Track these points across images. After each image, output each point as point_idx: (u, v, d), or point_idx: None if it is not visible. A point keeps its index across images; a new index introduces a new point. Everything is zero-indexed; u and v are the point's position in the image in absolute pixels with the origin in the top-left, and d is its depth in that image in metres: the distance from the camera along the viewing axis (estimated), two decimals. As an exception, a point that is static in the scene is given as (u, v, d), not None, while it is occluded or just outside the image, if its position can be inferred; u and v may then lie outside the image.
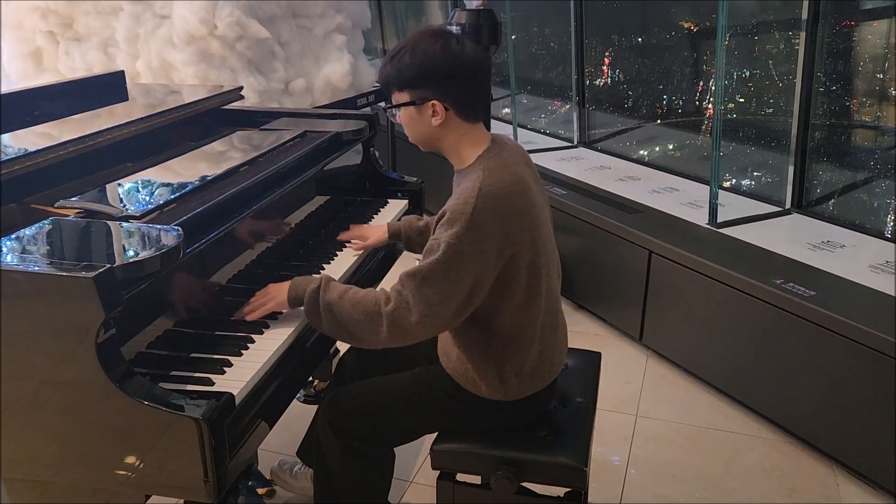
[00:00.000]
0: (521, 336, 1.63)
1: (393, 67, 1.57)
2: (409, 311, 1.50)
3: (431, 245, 1.52)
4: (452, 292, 1.50)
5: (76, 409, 1.26)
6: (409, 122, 1.61)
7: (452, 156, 1.64)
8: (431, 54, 1.53)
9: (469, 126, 1.61)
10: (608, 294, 3.35)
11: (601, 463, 2.46)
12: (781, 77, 3.37)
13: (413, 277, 1.51)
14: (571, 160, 4.27)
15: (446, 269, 1.48)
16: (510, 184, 1.53)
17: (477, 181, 1.51)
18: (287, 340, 1.58)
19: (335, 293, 1.57)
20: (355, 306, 1.54)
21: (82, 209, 1.53)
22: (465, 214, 1.48)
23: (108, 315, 1.19)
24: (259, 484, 2.05)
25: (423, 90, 1.56)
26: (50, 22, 4.06)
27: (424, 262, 1.51)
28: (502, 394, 1.67)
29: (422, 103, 1.57)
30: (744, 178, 3.60)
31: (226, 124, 2.33)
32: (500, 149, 1.61)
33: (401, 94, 1.60)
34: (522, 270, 1.57)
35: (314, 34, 4.22)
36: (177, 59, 3.76)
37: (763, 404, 2.65)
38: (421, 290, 1.49)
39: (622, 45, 4.34)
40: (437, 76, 1.54)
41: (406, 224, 2.05)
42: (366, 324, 1.54)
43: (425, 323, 1.51)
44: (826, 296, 2.43)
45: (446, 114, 1.57)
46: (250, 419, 1.40)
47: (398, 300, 1.51)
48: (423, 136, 1.63)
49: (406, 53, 1.55)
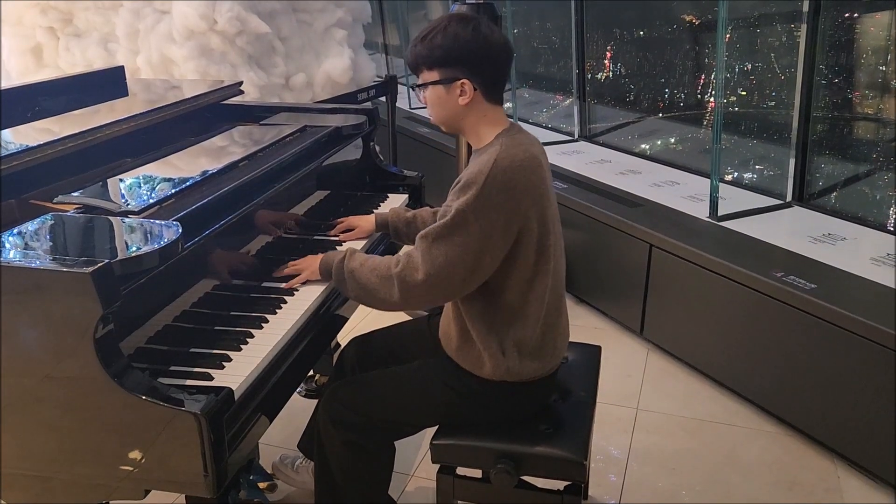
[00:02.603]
0: (526, 311, 1.66)
1: (424, 47, 1.62)
2: (416, 270, 1.58)
3: (444, 209, 1.59)
4: (458, 257, 1.55)
5: (75, 404, 1.26)
6: (437, 100, 1.66)
7: (472, 135, 1.70)
8: (464, 35, 1.59)
9: (491, 107, 1.66)
10: (609, 288, 3.35)
11: (602, 456, 2.46)
12: (783, 70, 3.36)
13: (424, 238, 1.59)
14: (572, 154, 4.26)
15: (452, 232, 1.55)
16: (523, 160, 1.59)
17: (493, 154, 1.58)
18: (286, 335, 1.58)
19: (357, 262, 1.69)
20: (373, 271, 1.65)
21: (82, 205, 1.53)
22: (477, 184, 1.54)
23: (105, 310, 1.19)
24: (260, 478, 2.06)
25: (454, 69, 1.61)
26: (50, 17, 4.06)
27: (435, 225, 1.58)
28: (504, 369, 1.68)
29: (451, 82, 1.62)
30: (745, 171, 3.60)
31: (226, 119, 2.33)
32: (517, 131, 1.68)
33: (430, 73, 1.64)
34: (531, 246, 1.62)
35: (314, 29, 4.22)
36: (177, 54, 3.76)
37: (764, 397, 2.65)
38: (430, 251, 1.57)
39: (624, 39, 4.33)
40: (468, 56, 1.60)
41: (393, 214, 2.10)
42: (381, 286, 1.63)
43: (430, 282, 1.57)
44: (827, 289, 2.42)
45: (474, 94, 1.62)
46: (250, 414, 1.40)
47: (407, 260, 1.60)
48: (447, 115, 1.68)
49: (438, 34, 1.61)
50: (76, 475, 1.33)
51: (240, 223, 1.70)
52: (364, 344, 2.03)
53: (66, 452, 1.31)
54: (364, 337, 2.05)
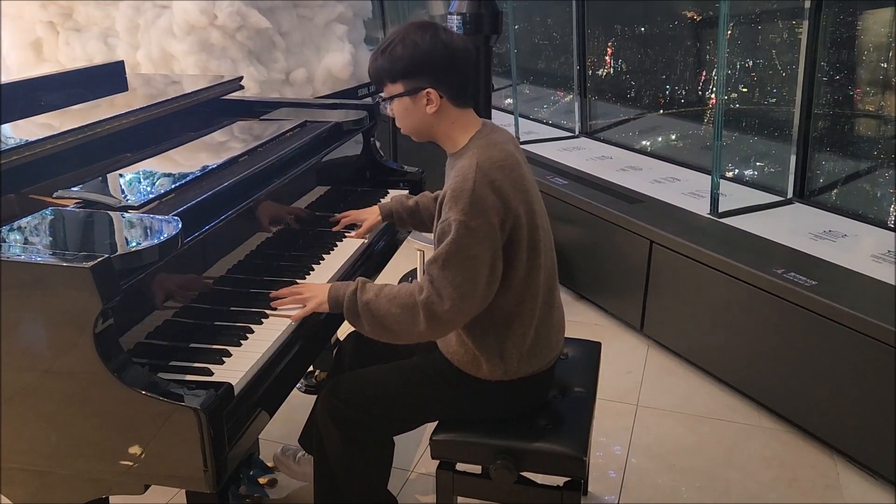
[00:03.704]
0: (522, 312, 1.66)
1: (385, 60, 1.60)
2: (440, 299, 1.52)
3: (442, 228, 1.55)
4: (474, 269, 1.53)
5: (75, 399, 1.26)
6: (404, 112, 1.64)
7: (446, 141, 1.68)
8: (423, 44, 1.57)
9: (460, 112, 1.65)
10: (609, 284, 3.35)
11: (601, 452, 2.46)
12: (784, 66, 3.35)
13: (435, 263, 1.54)
14: (573, 150, 4.26)
15: (462, 247, 1.52)
16: (502, 159, 1.59)
17: (473, 158, 1.56)
18: (286, 331, 1.58)
19: (371, 293, 1.59)
20: (392, 301, 1.56)
21: (81, 199, 1.53)
22: (467, 191, 1.52)
23: (105, 305, 1.19)
24: (260, 473, 2.06)
25: (418, 79, 1.59)
26: (50, 12, 4.05)
27: (441, 247, 1.54)
28: (502, 371, 1.67)
29: (416, 92, 1.60)
30: (746, 167, 3.59)
31: (226, 114, 2.33)
32: (490, 130, 1.67)
33: (394, 86, 1.62)
34: (523, 243, 1.61)
35: (315, 24, 4.21)
36: (177, 49, 3.75)
37: (764, 394, 2.65)
38: (445, 274, 1.52)
39: (625, 35, 4.32)
40: (430, 65, 1.58)
41: (396, 203, 2.08)
42: (404, 317, 1.56)
43: (457, 307, 1.53)
44: (827, 285, 2.42)
45: (440, 101, 1.60)
46: (249, 409, 1.40)
47: (430, 288, 1.54)
48: (417, 125, 1.66)
49: (397, 45, 1.58)
50: (76, 470, 1.33)
51: (239, 218, 1.70)
52: (363, 339, 2.01)
53: (66, 447, 1.31)
54: (364, 332, 2.04)
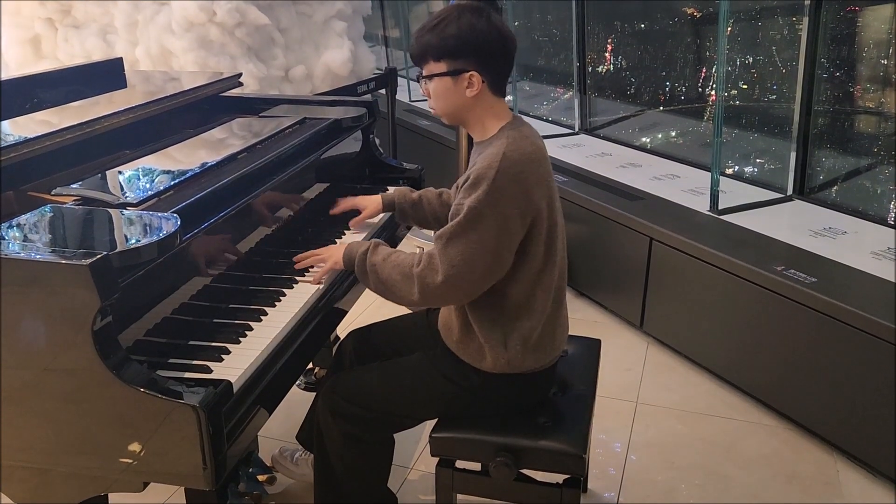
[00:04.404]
0: (532, 305, 1.66)
1: (435, 36, 1.58)
2: (434, 272, 1.56)
3: (456, 208, 1.57)
4: (475, 254, 1.54)
5: (74, 396, 1.25)
6: (443, 92, 1.62)
7: (476, 127, 1.67)
8: (478, 27, 1.56)
9: (496, 100, 1.64)
10: (609, 281, 3.35)
11: (601, 449, 2.47)
12: (784, 63, 3.34)
13: (440, 239, 1.57)
14: (573, 147, 4.25)
15: (468, 230, 1.53)
16: (532, 152, 1.58)
17: (501, 147, 1.56)
18: (285, 328, 1.58)
19: (380, 256, 1.67)
20: (395, 268, 1.63)
21: (80, 196, 1.52)
22: (488, 178, 1.52)
23: (104, 302, 1.19)
24: (259, 471, 2.05)
25: (464, 61, 1.58)
26: (48, 8, 4.05)
27: (449, 225, 1.56)
28: (505, 362, 1.67)
29: (459, 74, 1.59)
30: (746, 164, 3.59)
31: (225, 111, 2.32)
32: (521, 123, 1.66)
33: (437, 64, 1.60)
34: (542, 237, 1.61)
35: (314, 20, 4.21)
36: (176, 45, 3.75)
37: (763, 391, 2.65)
38: (445, 251, 1.55)
39: (625, 32, 4.31)
40: (481, 48, 1.57)
41: (399, 195, 2.07)
42: (401, 283, 1.61)
43: (449, 283, 1.55)
44: (827, 282, 2.42)
45: (482, 86, 1.59)
46: (249, 406, 1.40)
47: (426, 261, 1.58)
48: (452, 107, 1.65)
49: (451, 24, 1.56)
50: (75, 467, 1.33)
51: (238, 215, 1.70)
52: (363, 336, 2.03)
53: (65, 445, 1.31)
54: (363, 329, 2.05)
